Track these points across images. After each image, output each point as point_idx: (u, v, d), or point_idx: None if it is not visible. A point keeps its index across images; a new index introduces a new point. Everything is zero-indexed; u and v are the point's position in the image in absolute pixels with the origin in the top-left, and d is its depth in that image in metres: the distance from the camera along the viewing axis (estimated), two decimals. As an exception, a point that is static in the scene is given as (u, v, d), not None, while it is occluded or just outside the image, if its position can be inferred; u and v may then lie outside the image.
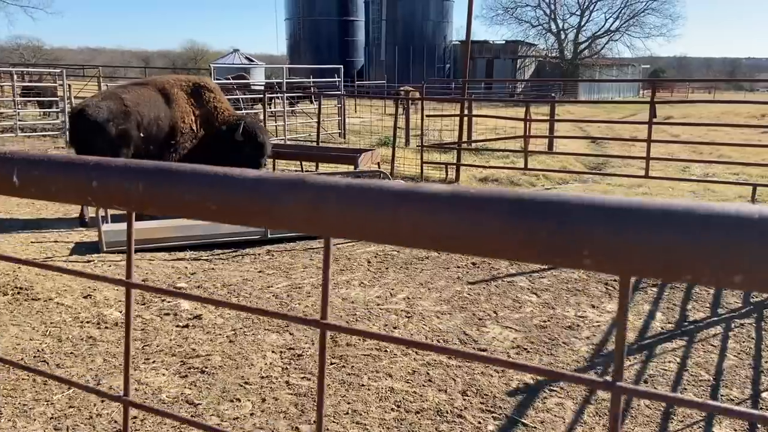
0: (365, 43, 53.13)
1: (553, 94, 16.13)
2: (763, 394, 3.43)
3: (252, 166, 7.42)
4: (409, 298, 4.96)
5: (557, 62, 54.33)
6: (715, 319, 4.46)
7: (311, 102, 20.02)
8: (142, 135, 6.86)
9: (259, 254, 6.16)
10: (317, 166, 10.56)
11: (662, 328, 4.31)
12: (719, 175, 10.60)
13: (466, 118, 10.37)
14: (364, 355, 3.87)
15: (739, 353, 3.92)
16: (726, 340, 4.11)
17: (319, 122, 12.38)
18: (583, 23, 55.98)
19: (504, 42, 52.27)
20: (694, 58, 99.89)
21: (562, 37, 56.20)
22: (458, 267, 5.70)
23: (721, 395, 3.43)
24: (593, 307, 4.72)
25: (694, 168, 11.49)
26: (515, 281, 5.32)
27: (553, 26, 56.04)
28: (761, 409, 3.29)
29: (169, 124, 7.10)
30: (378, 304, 4.83)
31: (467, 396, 3.43)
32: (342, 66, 18.41)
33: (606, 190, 9.37)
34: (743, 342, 4.07)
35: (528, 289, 5.13)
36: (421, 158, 10.00)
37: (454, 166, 9.93)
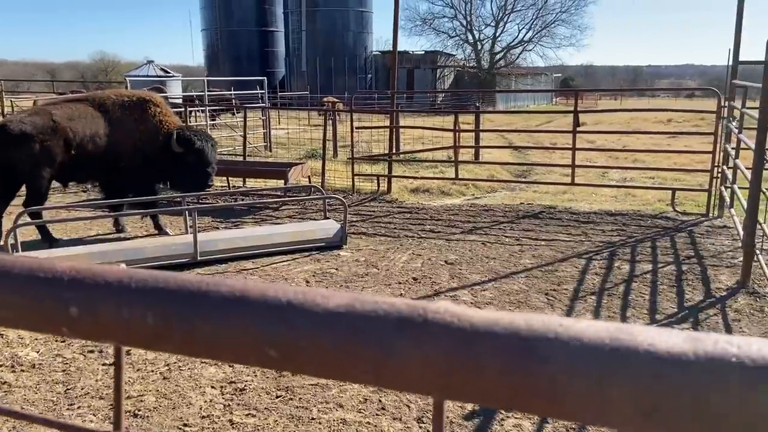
0: (285, 53, 52.57)
1: (477, 104, 16.45)
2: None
3: (200, 182, 7.00)
4: (352, 319, 4.79)
5: (475, 72, 55.86)
6: (655, 325, 4.57)
7: (233, 115, 19.48)
8: (74, 153, 6.34)
9: (188, 279, 5.80)
10: (245, 181, 10.20)
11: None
12: (636, 180, 11.11)
13: (394, 129, 10.34)
14: (312, 384, 3.67)
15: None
16: (666, 345, 4.21)
17: (245, 135, 12.00)
18: (498, 34, 57.86)
19: (424, 52, 53.19)
20: (599, 66, 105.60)
21: (479, 47, 57.88)
22: (399, 283, 5.59)
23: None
24: (537, 318, 4.73)
25: (612, 173, 11.99)
26: (458, 295, 5.27)
27: (470, 37, 57.62)
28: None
29: (109, 142, 6.60)
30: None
31: (423, 423, 3.31)
32: (265, 78, 18.02)
33: (533, 197, 9.58)
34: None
35: (471, 303, 5.08)
36: (352, 170, 9.87)
37: (386, 178, 9.86)
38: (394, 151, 10.36)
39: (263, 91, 17.56)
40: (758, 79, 6.89)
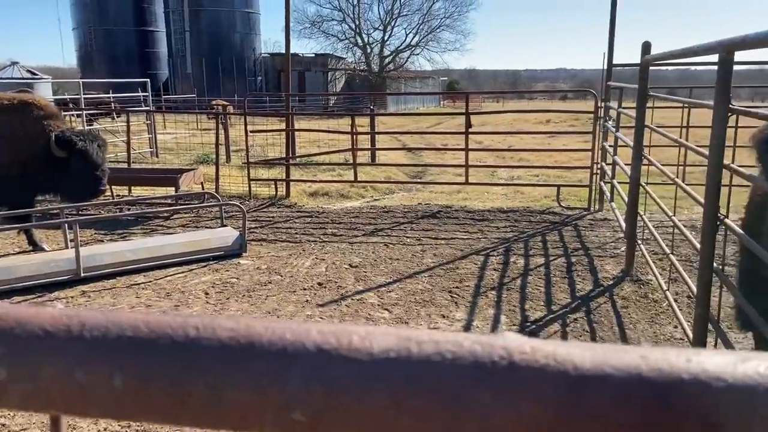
0: (168, 55, 50.21)
1: (371, 106, 16.52)
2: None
3: (89, 188, 6.33)
4: (257, 330, 4.61)
5: (366, 75, 56.43)
6: (552, 316, 4.78)
7: (113, 119, 18.28)
8: None
9: (72, 297, 5.31)
10: (130, 190, 9.58)
11: (508, 331, 4.51)
12: (523, 178, 11.66)
13: (290, 132, 10.14)
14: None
15: (579, 346, 4.22)
16: (565, 336, 4.41)
17: (129, 141, 11.27)
18: (386, 38, 58.82)
19: (314, 55, 52.94)
20: (482, 70, 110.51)
21: (369, 51, 58.54)
22: (304, 289, 5.46)
23: (573, 390, 3.64)
24: (443, 317, 4.80)
25: (501, 172, 12.52)
26: (365, 298, 5.23)
27: (359, 40, 58.13)
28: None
29: None
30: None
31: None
32: (148, 80, 17.06)
33: (430, 197, 9.77)
34: (580, 336, 4.40)
35: (378, 305, 5.06)
36: (248, 175, 9.56)
37: (284, 182, 9.64)
38: (290, 154, 10.16)
39: (146, 94, 16.61)
40: (628, 81, 7.47)
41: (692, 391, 0.25)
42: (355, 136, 10.00)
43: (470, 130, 9.22)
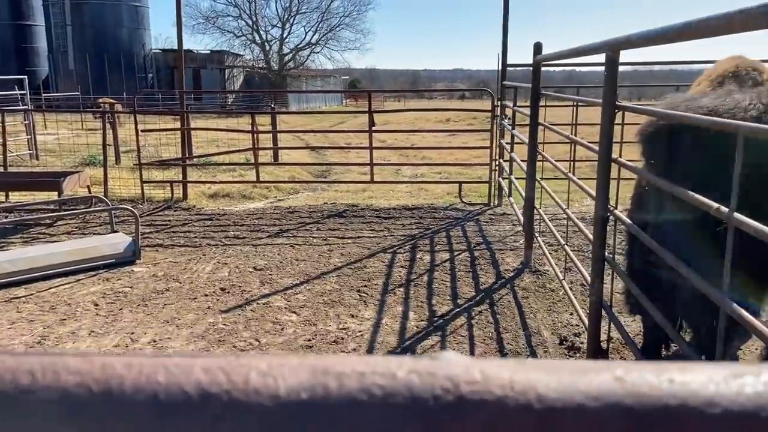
0: (48, 50, 46.68)
1: (272, 105, 16.19)
2: (513, 373, 3.82)
3: None
4: (155, 341, 4.34)
5: (265, 73, 55.36)
6: (458, 310, 4.87)
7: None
8: None
9: (-62, 317, 4.76)
10: (7, 196, 8.77)
11: (417, 327, 4.54)
12: (426, 175, 11.88)
13: (185, 132, 9.69)
14: None
15: (485, 340, 4.32)
16: (471, 328, 4.50)
17: (4, 143, 10.31)
18: (285, 35, 58.04)
19: (209, 51, 51.24)
20: (382, 70, 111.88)
21: (267, 48, 57.47)
22: (206, 295, 5.22)
23: (480, 382, 3.71)
24: (353, 316, 4.75)
25: (405, 170, 12.69)
26: (271, 302, 5.07)
27: (257, 37, 56.94)
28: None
29: None
30: (117, 355, 4.10)
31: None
32: (25, 77, 15.73)
33: (336, 196, 9.70)
34: (485, 328, 4.51)
35: (286, 308, 4.93)
36: (141, 178, 9.03)
37: (181, 184, 9.21)
38: (187, 155, 9.72)
39: (24, 92, 15.31)
40: (522, 81, 7.78)
41: (680, 420, 0.21)
42: (255, 135, 9.73)
43: (373, 128, 9.24)
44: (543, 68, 5.77)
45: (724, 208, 1.90)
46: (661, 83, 10.40)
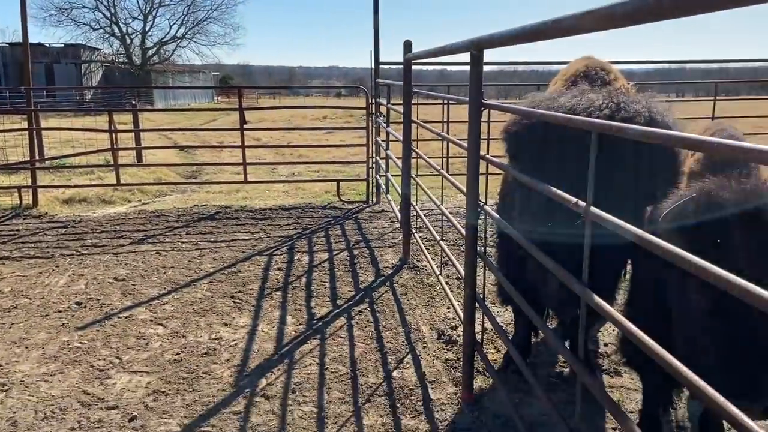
0: None
1: (134, 102, 15.15)
2: (393, 373, 3.79)
3: None
4: (1, 366, 3.84)
5: (127, 68, 51.98)
6: (338, 311, 4.78)
7: None
8: None
9: None
10: None
11: (296, 332, 4.39)
12: (304, 174, 11.69)
13: (35, 133, 8.76)
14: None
15: (365, 340, 4.27)
16: (351, 329, 4.43)
17: None
18: (147, 29, 54.85)
19: (63, 45, 47.18)
20: (256, 66, 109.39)
21: (128, 41, 54.01)
22: (59, 311, 4.71)
23: (361, 384, 3.65)
24: (226, 325, 4.50)
25: (281, 169, 12.41)
26: (134, 314, 4.68)
27: (117, 30, 53.33)
28: (395, 388, 3.62)
29: None
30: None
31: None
32: None
33: (207, 198, 9.25)
34: (365, 327, 4.46)
35: (151, 320, 4.57)
36: (-20, 183, 8.03)
37: (30, 189, 8.31)
38: (37, 157, 8.80)
39: None
40: (395, 79, 7.86)
41: None
42: (115, 135, 9.01)
43: (246, 126, 8.90)
44: (417, 67, 5.84)
45: (581, 203, 1.96)
46: (524, 83, 11.03)
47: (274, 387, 3.61)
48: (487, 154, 3.17)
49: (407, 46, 5.89)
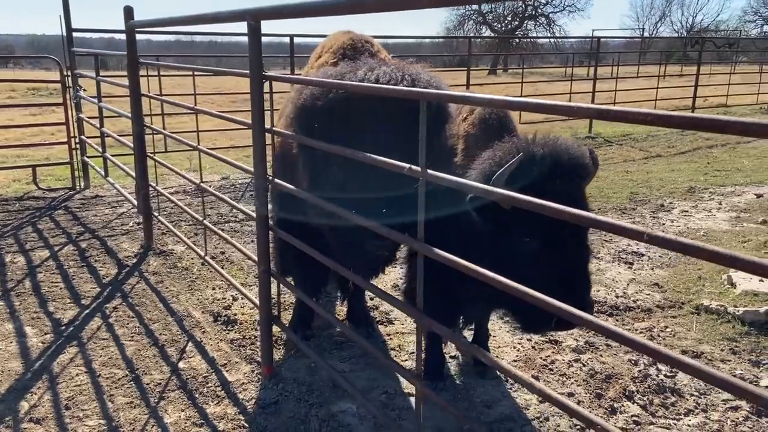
0: None
1: None
2: (180, 365, 3.55)
3: None
4: None
5: None
6: (87, 311, 4.20)
7: None
8: None
9: None
10: None
11: (43, 342, 3.74)
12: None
13: None
14: None
15: (133, 336, 3.87)
16: (112, 328, 3.96)
17: None
18: None
19: None
20: None
21: None
22: None
23: (147, 384, 3.34)
24: (-60, 352, 3.59)
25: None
26: None
27: None
28: (186, 379, 3.40)
29: None
30: None
31: None
32: None
33: None
34: (128, 324, 4.03)
35: None
36: None
37: None
38: None
39: None
40: (106, 48, 7.00)
41: None
42: None
43: None
44: (186, 36, 5.32)
45: (416, 167, 2.12)
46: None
47: (41, 408, 3.06)
48: (273, 127, 3.13)
49: (128, 12, 5.30)
